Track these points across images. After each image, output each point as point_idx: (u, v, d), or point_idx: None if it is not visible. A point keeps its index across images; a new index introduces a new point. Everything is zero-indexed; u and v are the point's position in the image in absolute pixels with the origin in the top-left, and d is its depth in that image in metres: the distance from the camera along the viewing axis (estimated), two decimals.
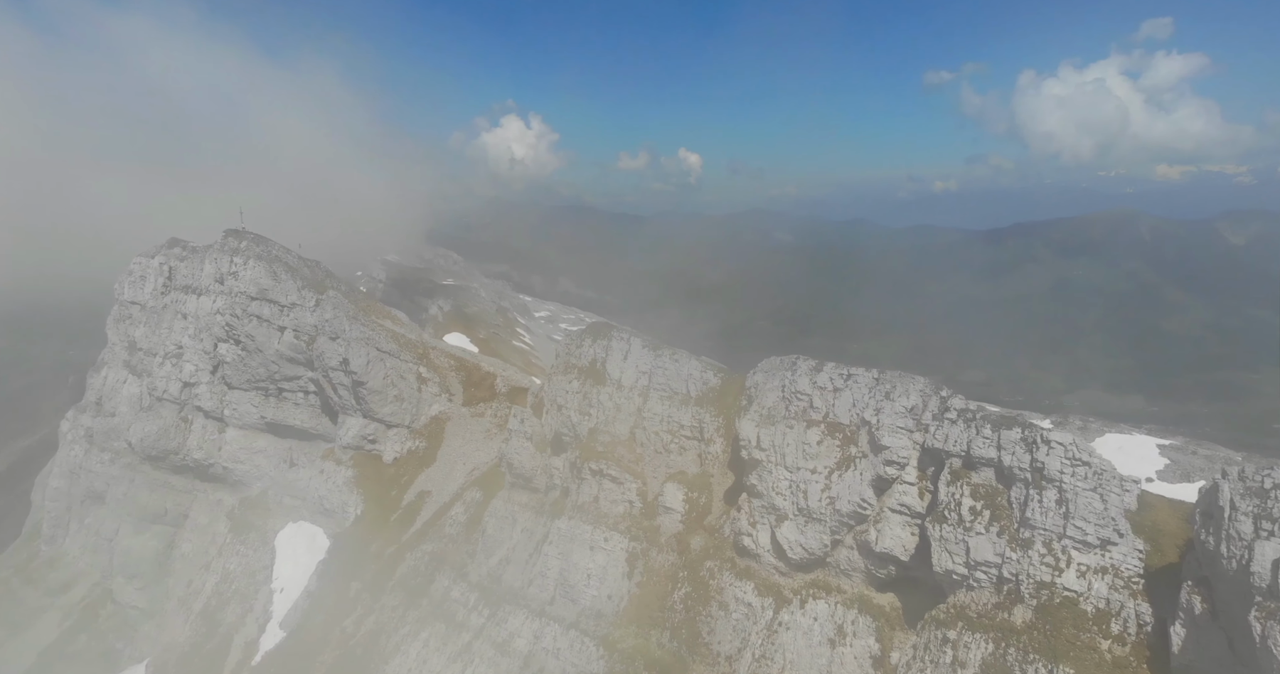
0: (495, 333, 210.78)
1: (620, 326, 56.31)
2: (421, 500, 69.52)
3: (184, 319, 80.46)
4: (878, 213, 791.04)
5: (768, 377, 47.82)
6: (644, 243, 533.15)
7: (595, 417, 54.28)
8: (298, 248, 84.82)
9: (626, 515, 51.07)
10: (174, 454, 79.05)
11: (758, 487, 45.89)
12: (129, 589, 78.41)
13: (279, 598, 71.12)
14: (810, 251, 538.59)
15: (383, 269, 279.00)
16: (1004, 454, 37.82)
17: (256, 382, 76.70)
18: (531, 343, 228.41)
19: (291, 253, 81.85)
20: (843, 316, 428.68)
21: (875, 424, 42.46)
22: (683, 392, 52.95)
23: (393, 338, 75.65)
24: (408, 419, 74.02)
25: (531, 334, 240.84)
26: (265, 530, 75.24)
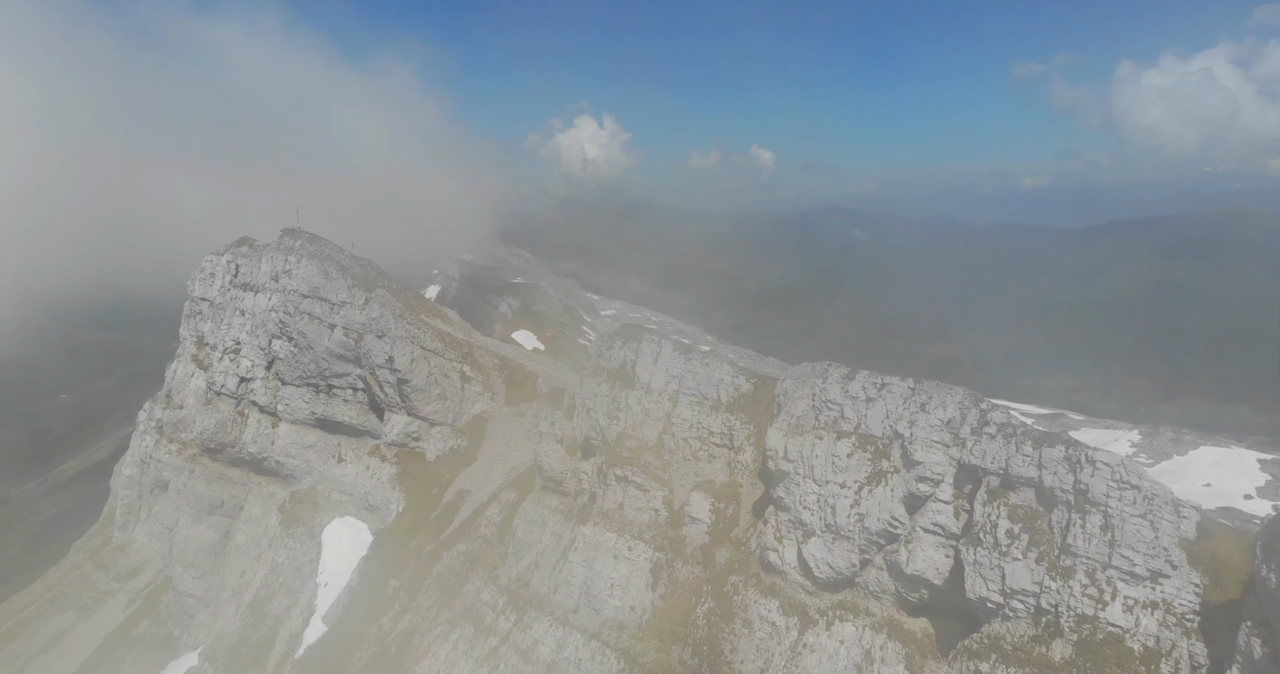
0: (561, 330, 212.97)
1: (651, 329, 55.14)
2: (461, 499, 70.03)
3: (242, 316, 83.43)
4: (960, 210, 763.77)
5: (797, 384, 45.92)
6: (714, 241, 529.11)
7: (623, 421, 53.35)
8: (350, 246, 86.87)
9: (652, 524, 49.95)
10: (230, 447, 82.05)
11: (784, 500, 44.09)
12: (186, 577, 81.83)
13: (323, 592, 72.89)
14: (887, 250, 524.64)
15: (457, 267, 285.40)
16: (1045, 474, 35.08)
17: (308, 378, 78.83)
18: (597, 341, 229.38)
19: (344, 251, 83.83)
20: (921, 317, 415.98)
21: (909, 437, 40.11)
22: (713, 397, 51.47)
23: (438, 336, 76.55)
24: (450, 417, 74.73)
25: (596, 332, 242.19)
26: (313, 524, 77.27)
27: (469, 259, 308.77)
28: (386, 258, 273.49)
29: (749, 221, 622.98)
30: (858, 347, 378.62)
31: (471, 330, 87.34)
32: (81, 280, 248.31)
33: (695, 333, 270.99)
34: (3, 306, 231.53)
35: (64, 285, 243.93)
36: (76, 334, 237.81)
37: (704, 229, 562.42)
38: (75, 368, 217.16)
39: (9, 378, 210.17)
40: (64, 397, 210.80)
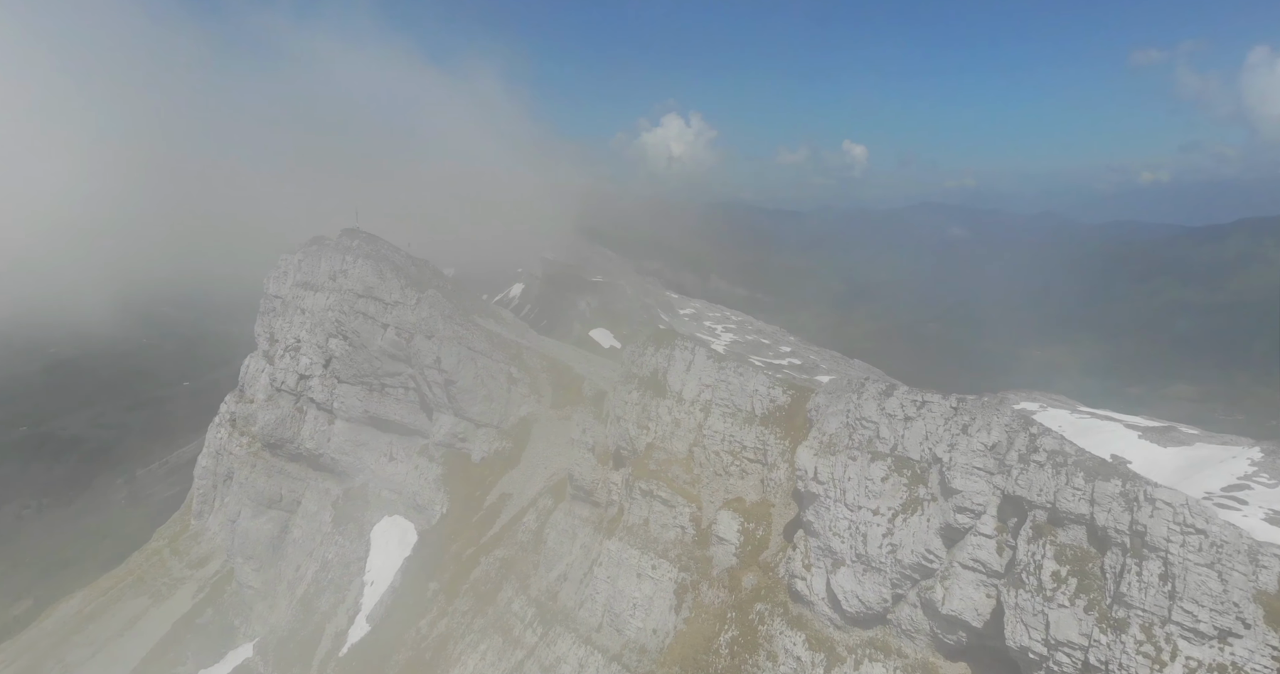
0: (638, 330, 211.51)
1: (684, 336, 52.90)
2: (502, 503, 69.66)
3: (302, 314, 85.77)
4: (1071, 207, 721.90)
5: (831, 399, 42.81)
6: (801, 239, 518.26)
7: (653, 431, 51.38)
8: (407, 246, 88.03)
9: (678, 542, 47.82)
10: (289, 443, 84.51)
11: (814, 525, 41.14)
12: (246, 569, 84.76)
13: (369, 591, 73.97)
14: (989, 248, 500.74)
15: (540, 266, 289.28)
16: (1098, 511, 31.07)
17: (362, 376, 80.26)
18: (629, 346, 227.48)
19: (400, 252, 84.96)
20: (1026, 319, 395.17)
21: (948, 462, 36.55)
22: (747, 408, 48.84)
23: (486, 337, 76.47)
24: (496, 419, 74.50)
25: None
26: (363, 522, 78.64)
27: (552, 258, 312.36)
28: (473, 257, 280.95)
29: (838, 218, 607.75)
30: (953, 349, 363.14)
31: (526, 330, 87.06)
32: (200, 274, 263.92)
33: (777, 333, 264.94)
34: (132, 298, 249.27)
35: (184, 279, 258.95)
36: (200, 325, 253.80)
37: (790, 226, 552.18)
38: (197, 357, 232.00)
39: (140, 365, 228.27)
40: (186, 383, 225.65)
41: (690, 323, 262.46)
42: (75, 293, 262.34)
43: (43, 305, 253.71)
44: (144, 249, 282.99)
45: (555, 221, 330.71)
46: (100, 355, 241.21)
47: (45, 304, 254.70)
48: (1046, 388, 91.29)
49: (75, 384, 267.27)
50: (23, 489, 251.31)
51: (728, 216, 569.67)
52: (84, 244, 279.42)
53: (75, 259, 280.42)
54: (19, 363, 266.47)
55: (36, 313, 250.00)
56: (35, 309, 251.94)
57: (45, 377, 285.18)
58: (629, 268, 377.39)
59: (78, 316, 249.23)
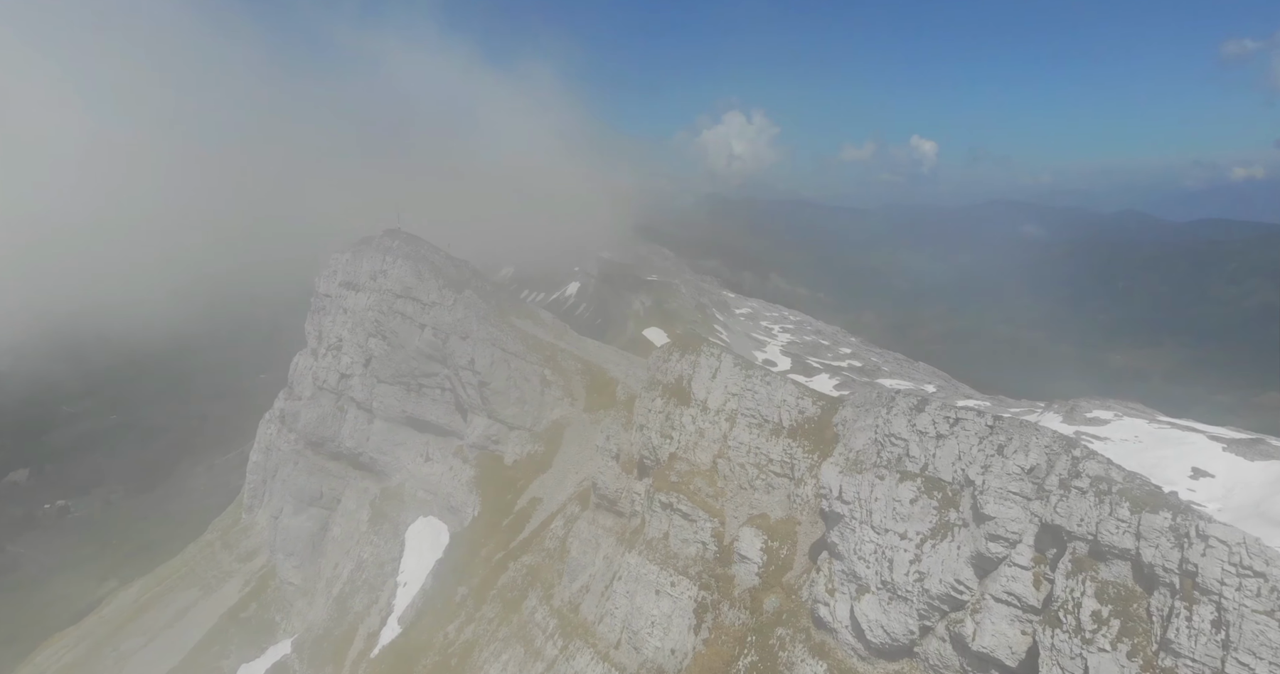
0: (692, 329, 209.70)
1: (711, 342, 50.92)
2: (532, 507, 68.92)
3: (345, 313, 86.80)
4: (1156, 204, 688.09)
5: (859, 413, 40.36)
6: (865, 237, 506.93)
7: (676, 440, 49.61)
8: (447, 247, 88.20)
9: (698, 559, 45.96)
10: (330, 441, 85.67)
11: (838, 547, 38.80)
12: (287, 566, 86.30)
13: (401, 592, 74.28)
14: (1066, 247, 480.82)
15: (596, 265, 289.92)
16: (1144, 546, 28.10)
17: (400, 376, 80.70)
18: (728, 340, 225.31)
19: (440, 252, 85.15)
20: (1105, 322, 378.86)
21: (980, 486, 33.83)
22: (774, 420, 46.62)
23: (521, 338, 75.86)
24: (529, 421, 73.83)
25: (729, 331, 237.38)
26: (398, 522, 79.05)
27: (608, 257, 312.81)
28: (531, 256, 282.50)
29: (905, 216, 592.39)
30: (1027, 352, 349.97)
31: (565, 331, 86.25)
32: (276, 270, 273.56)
33: (837, 334, 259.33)
34: (212, 294, 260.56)
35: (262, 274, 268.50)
36: (276, 319, 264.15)
37: (854, 224, 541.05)
38: (274, 350, 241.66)
39: (224, 356, 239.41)
40: (263, 375, 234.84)
41: (746, 323, 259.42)
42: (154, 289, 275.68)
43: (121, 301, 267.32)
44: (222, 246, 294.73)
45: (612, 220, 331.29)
46: (184, 349, 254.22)
47: (125, 300, 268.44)
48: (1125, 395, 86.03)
49: (161, 375, 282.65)
50: (112, 475, 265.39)
51: (789, 214, 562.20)
52: (162, 242, 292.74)
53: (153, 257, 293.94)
54: (108, 355, 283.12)
55: (116, 308, 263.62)
56: (114, 304, 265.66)
57: (133, 368, 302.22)
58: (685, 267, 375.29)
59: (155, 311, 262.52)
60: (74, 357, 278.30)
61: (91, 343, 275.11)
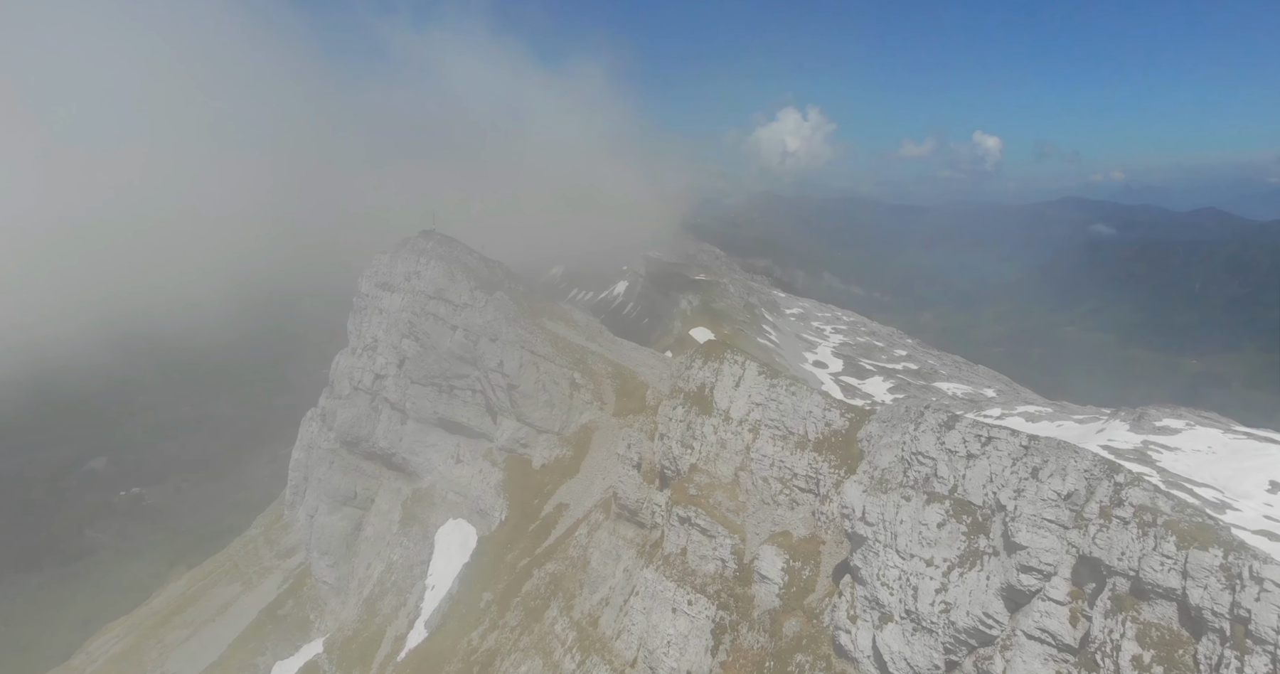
0: (740, 329, 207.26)
1: (735, 349, 48.95)
2: (559, 513, 67.87)
3: (380, 314, 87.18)
4: (1236, 202, 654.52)
5: (885, 429, 38.00)
6: (924, 235, 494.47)
7: (697, 451, 47.80)
8: (481, 248, 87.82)
9: (717, 577, 44.08)
10: (365, 440, 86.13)
11: (861, 571, 36.53)
12: (321, 565, 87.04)
13: (429, 595, 74.05)
14: (1139, 247, 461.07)
15: (644, 264, 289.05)
16: (1191, 586, 25.33)
17: (432, 378, 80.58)
18: (777, 341, 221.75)
19: (474, 253, 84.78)
20: (1180, 326, 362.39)
21: (1013, 511, 31.25)
22: (799, 432, 44.45)
23: (551, 341, 74.90)
24: (557, 425, 72.83)
25: (778, 332, 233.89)
26: (428, 524, 78.92)
27: (656, 256, 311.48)
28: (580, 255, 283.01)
29: (967, 213, 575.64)
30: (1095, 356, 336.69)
31: (598, 333, 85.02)
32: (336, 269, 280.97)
33: (893, 335, 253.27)
34: (277, 291, 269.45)
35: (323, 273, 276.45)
36: (340, 318, 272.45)
37: (913, 222, 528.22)
38: (339, 347, 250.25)
39: (289, 351, 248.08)
40: (325, 371, 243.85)
41: (796, 323, 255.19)
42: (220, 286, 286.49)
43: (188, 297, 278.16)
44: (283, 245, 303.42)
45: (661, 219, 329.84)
46: (252, 344, 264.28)
47: (192, 296, 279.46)
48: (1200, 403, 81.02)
49: (230, 369, 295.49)
50: (182, 464, 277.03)
51: (844, 212, 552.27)
52: (222, 241, 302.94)
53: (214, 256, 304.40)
54: (181, 349, 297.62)
55: (183, 303, 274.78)
56: (183, 300, 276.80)
57: (203, 362, 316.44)
58: (735, 266, 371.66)
59: (222, 307, 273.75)
60: (149, 350, 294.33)
61: (164, 336, 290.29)
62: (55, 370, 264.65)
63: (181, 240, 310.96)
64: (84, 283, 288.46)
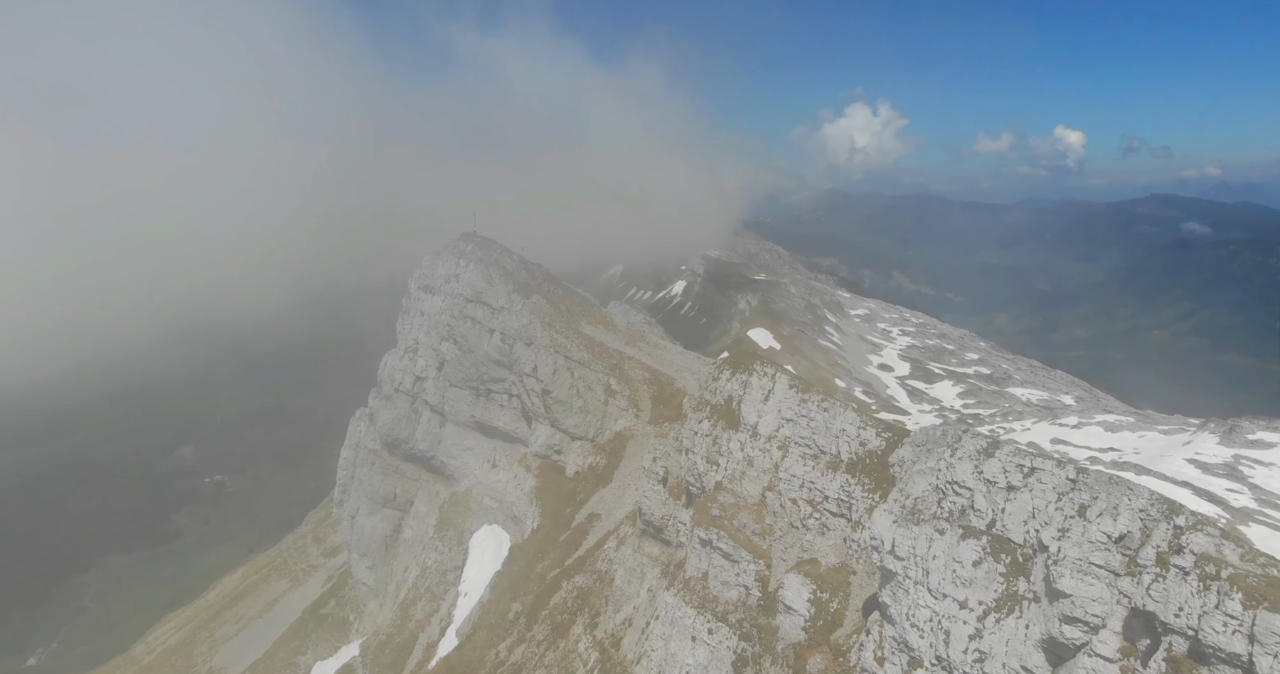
0: (800, 330, 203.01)
1: (765, 360, 46.28)
2: (590, 523, 66.26)
3: (422, 316, 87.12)
4: None
5: (919, 454, 34.94)
6: (1001, 234, 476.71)
7: (723, 468, 45.38)
8: (520, 250, 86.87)
9: (740, 605, 41.60)
10: (405, 443, 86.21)
11: (890, 609, 33.65)
12: (361, 566, 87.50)
13: (462, 602, 73.37)
14: (1235, 247, 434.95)
15: (702, 263, 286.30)
16: (1259, 652, 21.89)
17: (469, 381, 79.99)
18: (840, 343, 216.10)
19: (514, 256, 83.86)
20: None
21: (1056, 553, 28.01)
22: (831, 451, 41.59)
23: (587, 346, 73.31)
24: (591, 432, 71.21)
25: (841, 333, 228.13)
26: (463, 529, 78.35)
27: (715, 255, 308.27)
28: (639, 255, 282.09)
29: (1046, 211, 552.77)
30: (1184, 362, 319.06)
31: (640, 337, 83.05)
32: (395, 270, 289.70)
33: (964, 337, 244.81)
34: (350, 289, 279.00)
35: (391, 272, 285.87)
36: None
37: (988, 220, 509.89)
38: None
39: (365, 345, 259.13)
40: None
41: (861, 324, 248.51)
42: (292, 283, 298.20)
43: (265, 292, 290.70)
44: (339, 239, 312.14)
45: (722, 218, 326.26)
46: (331, 339, 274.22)
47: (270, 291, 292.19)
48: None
49: (308, 364, 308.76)
50: (263, 454, 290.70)
51: (915, 210, 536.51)
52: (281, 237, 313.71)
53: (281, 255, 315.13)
54: (258, 344, 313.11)
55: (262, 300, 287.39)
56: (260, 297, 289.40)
57: (282, 356, 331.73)
58: (799, 265, 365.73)
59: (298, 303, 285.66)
60: (234, 344, 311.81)
61: (249, 331, 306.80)
62: (131, 361, 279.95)
63: (239, 236, 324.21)
64: (148, 275, 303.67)
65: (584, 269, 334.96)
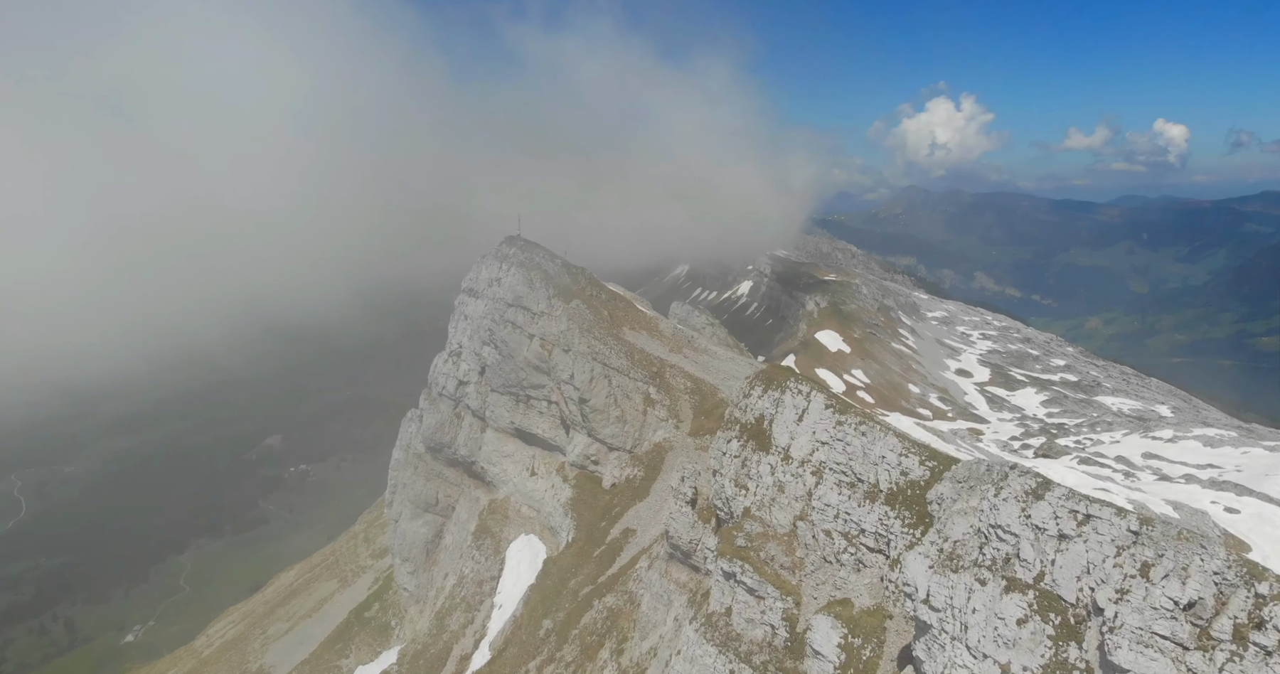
0: (872, 333, 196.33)
1: (800, 376, 42.88)
2: (625, 539, 63.84)
3: (466, 320, 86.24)
4: None
5: (960, 491, 31.23)
6: (1093, 233, 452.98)
7: (752, 493, 42.21)
8: (563, 253, 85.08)
9: (765, 645, 38.41)
10: (447, 447, 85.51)
11: (925, 665, 30.08)
12: (403, 571, 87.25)
13: (496, 614, 72.01)
14: None
15: (769, 263, 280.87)
16: None
17: (509, 387, 78.63)
18: (915, 346, 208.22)
19: (556, 259, 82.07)
20: None
21: (1113, 619, 24.14)
22: (870, 480, 38.01)
23: (627, 353, 70.88)
24: (629, 443, 68.76)
25: (917, 336, 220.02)
26: (500, 539, 77.04)
27: (783, 255, 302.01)
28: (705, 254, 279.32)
29: (1144, 210, 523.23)
30: None
31: (686, 343, 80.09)
32: None
33: (1051, 342, 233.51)
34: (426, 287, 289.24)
35: None
36: None
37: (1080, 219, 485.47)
38: None
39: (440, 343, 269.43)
40: None
41: (939, 327, 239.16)
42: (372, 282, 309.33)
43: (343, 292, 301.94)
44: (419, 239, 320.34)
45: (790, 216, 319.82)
46: (408, 334, 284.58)
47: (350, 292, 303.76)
48: None
49: (388, 358, 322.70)
50: (344, 445, 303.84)
51: (1000, 207, 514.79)
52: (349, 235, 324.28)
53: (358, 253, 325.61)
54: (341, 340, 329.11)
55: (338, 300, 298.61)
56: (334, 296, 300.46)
57: (363, 351, 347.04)
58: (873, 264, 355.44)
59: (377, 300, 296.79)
60: (318, 339, 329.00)
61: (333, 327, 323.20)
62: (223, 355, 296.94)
63: (311, 233, 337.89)
64: (222, 271, 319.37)
65: (649, 269, 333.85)
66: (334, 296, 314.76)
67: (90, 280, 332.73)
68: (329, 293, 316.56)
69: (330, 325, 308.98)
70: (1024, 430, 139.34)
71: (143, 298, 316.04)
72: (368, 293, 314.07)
